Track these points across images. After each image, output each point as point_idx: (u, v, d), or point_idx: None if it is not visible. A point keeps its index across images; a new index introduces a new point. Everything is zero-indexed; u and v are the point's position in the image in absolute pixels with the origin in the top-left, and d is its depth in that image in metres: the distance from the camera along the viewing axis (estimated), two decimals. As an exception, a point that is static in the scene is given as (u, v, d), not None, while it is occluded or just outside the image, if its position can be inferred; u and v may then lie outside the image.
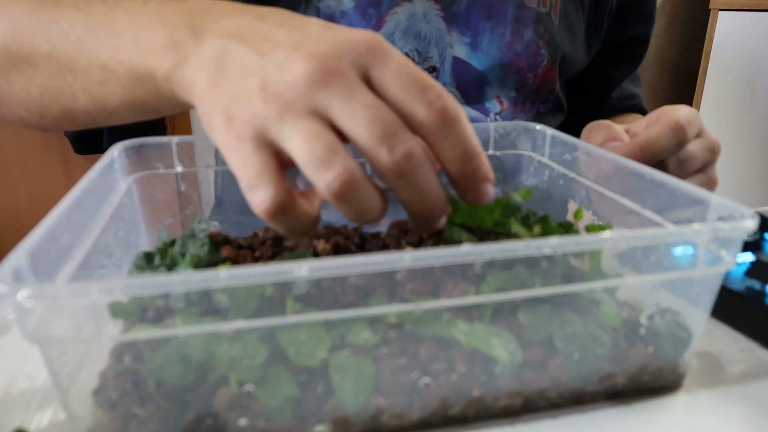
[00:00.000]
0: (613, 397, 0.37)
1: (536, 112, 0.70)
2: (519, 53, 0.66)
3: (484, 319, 0.34)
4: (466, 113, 0.33)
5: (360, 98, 0.30)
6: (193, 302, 0.31)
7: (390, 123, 0.30)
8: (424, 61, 0.64)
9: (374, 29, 0.63)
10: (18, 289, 0.25)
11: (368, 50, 0.31)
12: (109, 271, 0.39)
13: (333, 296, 0.33)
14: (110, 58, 0.42)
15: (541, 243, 0.30)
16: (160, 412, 0.31)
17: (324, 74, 0.30)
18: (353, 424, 0.33)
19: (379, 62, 0.31)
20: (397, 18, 0.63)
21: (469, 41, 0.65)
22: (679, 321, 0.37)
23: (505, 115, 0.68)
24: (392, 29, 0.63)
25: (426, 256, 0.29)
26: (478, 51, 0.65)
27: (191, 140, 0.49)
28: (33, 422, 0.35)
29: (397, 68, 0.31)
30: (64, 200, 0.34)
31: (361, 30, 0.33)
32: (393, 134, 0.30)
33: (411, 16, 0.63)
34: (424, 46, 0.64)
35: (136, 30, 0.41)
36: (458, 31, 0.65)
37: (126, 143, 0.47)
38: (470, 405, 0.34)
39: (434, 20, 0.64)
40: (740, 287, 0.45)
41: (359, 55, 0.31)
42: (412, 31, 0.64)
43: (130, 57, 0.41)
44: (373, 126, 0.29)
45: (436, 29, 0.64)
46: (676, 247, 0.35)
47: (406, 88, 0.31)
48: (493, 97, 0.67)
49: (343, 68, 0.30)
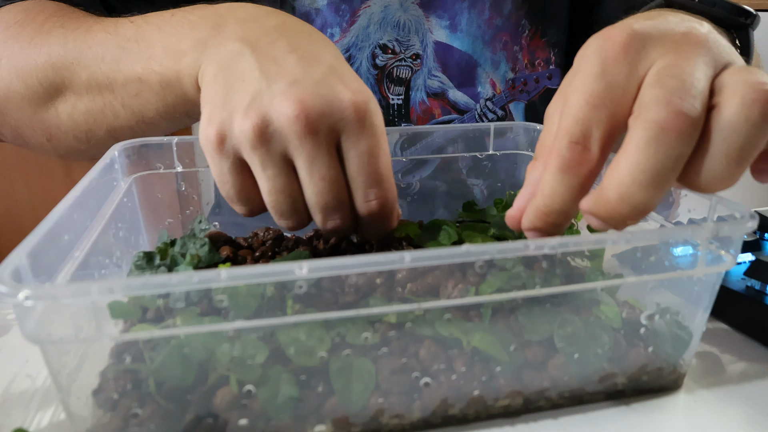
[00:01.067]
0: (613, 396, 0.37)
1: (543, 90, 0.69)
2: (500, 27, 0.66)
3: (484, 318, 0.34)
4: (398, 214, 0.37)
5: (319, 168, 0.34)
6: (193, 302, 0.31)
7: (332, 200, 0.35)
8: (406, 49, 0.64)
9: (348, 25, 0.63)
10: (18, 289, 0.25)
11: (354, 119, 0.34)
12: (109, 271, 0.39)
13: (333, 296, 0.33)
14: (144, 69, 0.44)
15: (541, 243, 0.30)
16: (160, 412, 0.31)
17: (302, 129, 0.33)
18: (353, 424, 0.33)
19: (354, 137, 0.34)
20: (370, 11, 0.63)
21: (447, 24, 0.65)
22: (679, 321, 0.37)
23: (497, 100, 0.67)
24: (366, 23, 0.63)
25: (426, 256, 0.29)
26: (458, 32, 0.65)
27: (191, 140, 0.49)
28: (33, 422, 0.35)
29: (364, 151, 0.34)
30: (64, 200, 0.34)
31: (361, 90, 0.35)
32: (330, 210, 0.35)
33: (386, 7, 0.63)
34: (404, 35, 0.64)
35: (166, 38, 0.43)
36: (436, 15, 0.65)
37: (126, 143, 0.47)
38: (470, 405, 0.34)
39: (411, 8, 0.64)
40: (740, 287, 0.45)
41: (343, 119, 0.34)
42: (389, 21, 0.64)
43: (160, 62, 0.43)
44: (319, 196, 0.34)
45: (413, 17, 0.64)
46: (676, 247, 0.35)
47: (358, 173, 0.35)
48: (486, 81, 0.67)
49: (319, 130, 0.33)
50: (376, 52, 0.64)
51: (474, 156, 0.59)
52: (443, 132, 0.58)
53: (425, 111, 0.67)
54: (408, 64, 0.65)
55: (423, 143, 0.58)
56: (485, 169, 0.61)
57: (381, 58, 0.64)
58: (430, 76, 0.66)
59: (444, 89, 0.66)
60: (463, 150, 0.58)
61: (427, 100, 0.66)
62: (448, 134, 0.58)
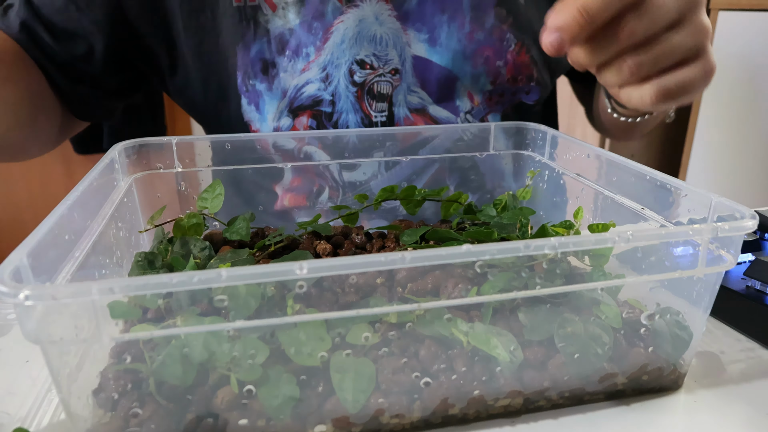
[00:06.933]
0: (613, 396, 0.37)
1: (517, 103, 0.67)
2: (482, 41, 0.64)
3: (484, 318, 0.34)
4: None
5: None
6: (194, 302, 0.31)
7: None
8: (385, 64, 0.62)
9: (321, 43, 0.61)
10: (18, 289, 0.25)
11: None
12: (109, 271, 0.39)
13: (333, 296, 0.33)
14: None
15: (541, 243, 0.30)
16: (161, 411, 0.31)
17: None
18: (354, 424, 0.33)
19: None
20: (344, 26, 0.61)
21: (426, 37, 0.63)
22: (679, 321, 0.37)
23: (476, 112, 0.66)
24: (340, 39, 0.61)
25: (426, 256, 0.29)
26: (438, 46, 0.63)
27: (191, 140, 0.49)
28: (33, 422, 0.35)
29: None
30: (64, 200, 0.34)
31: None
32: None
33: (360, 21, 0.61)
34: (381, 50, 0.62)
35: None
36: (414, 28, 0.63)
37: (126, 143, 0.47)
38: (470, 405, 0.34)
39: (387, 21, 0.62)
40: (740, 287, 0.45)
41: None
42: (365, 36, 0.62)
43: None
44: None
45: (390, 29, 0.62)
46: (677, 247, 0.35)
47: None
48: (464, 95, 0.65)
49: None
50: (353, 69, 0.62)
51: (474, 156, 0.59)
52: (444, 132, 0.58)
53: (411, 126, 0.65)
54: (388, 80, 0.63)
55: (424, 149, 0.58)
56: (485, 170, 0.61)
57: (359, 74, 0.62)
58: (410, 92, 0.64)
59: (424, 105, 0.64)
60: (463, 151, 0.58)
61: (411, 115, 0.64)
62: (449, 135, 0.58)
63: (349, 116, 0.63)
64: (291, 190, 0.63)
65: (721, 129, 1.87)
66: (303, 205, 0.62)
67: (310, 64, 0.61)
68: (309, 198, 0.61)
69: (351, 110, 0.63)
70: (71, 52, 0.59)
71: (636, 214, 0.43)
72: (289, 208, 0.63)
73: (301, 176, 0.61)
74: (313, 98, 0.62)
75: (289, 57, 0.61)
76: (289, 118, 0.63)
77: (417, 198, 0.53)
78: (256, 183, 0.61)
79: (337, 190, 0.62)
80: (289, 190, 0.63)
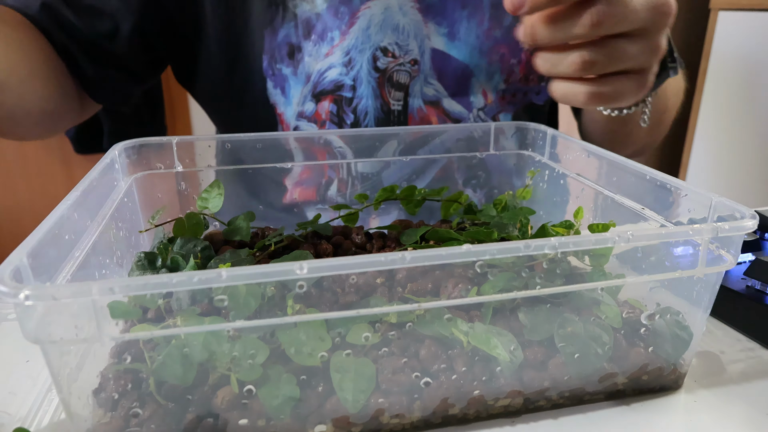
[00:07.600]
0: (613, 396, 0.37)
1: (528, 103, 0.69)
2: (498, 39, 0.65)
3: (484, 318, 0.34)
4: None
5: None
6: (194, 302, 0.31)
7: None
8: (405, 54, 0.64)
9: (347, 27, 0.63)
10: (18, 289, 0.25)
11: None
12: (109, 271, 0.39)
13: (333, 296, 0.34)
14: None
15: (541, 243, 0.30)
16: (161, 411, 0.31)
17: None
18: (354, 424, 0.33)
19: None
20: (371, 12, 0.63)
21: (446, 31, 0.64)
22: (679, 321, 0.37)
23: (488, 110, 0.67)
24: (366, 24, 0.63)
25: (426, 256, 0.29)
26: (456, 41, 0.64)
27: (191, 140, 0.49)
28: (33, 422, 0.35)
29: None
30: (64, 200, 0.34)
31: None
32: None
33: (386, 9, 0.63)
34: (403, 39, 0.64)
35: None
36: (435, 21, 0.64)
37: (126, 143, 0.47)
38: (470, 405, 0.34)
39: (410, 12, 0.64)
40: (740, 287, 0.45)
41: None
42: (389, 24, 0.63)
43: None
44: None
45: (412, 21, 0.64)
46: (677, 247, 0.35)
47: None
48: (478, 91, 0.67)
49: None
50: (377, 55, 0.63)
51: (474, 156, 0.59)
52: (445, 132, 0.58)
53: (423, 118, 0.66)
54: (407, 69, 0.64)
55: (427, 147, 0.58)
56: (485, 169, 0.61)
57: (382, 60, 0.63)
58: (426, 84, 0.66)
59: (439, 98, 0.66)
60: (464, 150, 0.58)
61: (424, 107, 0.66)
62: (450, 135, 0.58)
63: (369, 102, 0.65)
64: (300, 183, 0.63)
65: (721, 129, 1.87)
66: (312, 199, 0.63)
67: (334, 48, 0.63)
68: (318, 191, 0.62)
69: (371, 96, 0.64)
70: (95, 29, 0.59)
71: (636, 214, 0.43)
72: (298, 202, 0.64)
73: (311, 168, 0.62)
74: (335, 83, 0.64)
75: (315, 41, 0.63)
76: (312, 102, 0.64)
77: (417, 198, 0.53)
78: (264, 175, 0.61)
79: (345, 183, 0.62)
80: (299, 183, 0.63)
